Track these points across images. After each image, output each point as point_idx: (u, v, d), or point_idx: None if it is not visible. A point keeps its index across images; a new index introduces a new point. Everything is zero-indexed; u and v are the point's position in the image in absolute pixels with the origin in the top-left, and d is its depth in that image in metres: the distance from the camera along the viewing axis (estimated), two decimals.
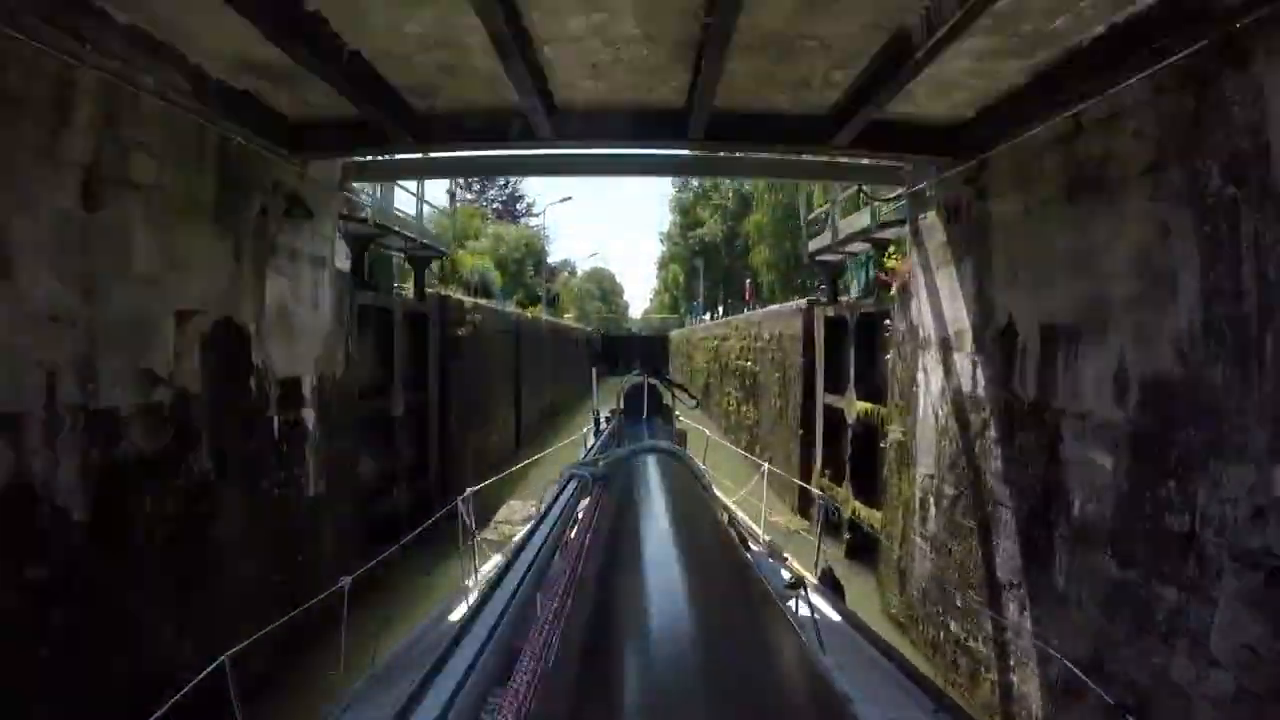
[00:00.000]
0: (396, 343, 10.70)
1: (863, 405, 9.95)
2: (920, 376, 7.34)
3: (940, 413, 6.79)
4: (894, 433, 8.25)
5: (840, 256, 12.98)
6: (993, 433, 5.76)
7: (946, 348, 6.70)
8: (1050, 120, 4.81)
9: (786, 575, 3.58)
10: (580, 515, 2.06)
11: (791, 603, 3.01)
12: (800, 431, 12.47)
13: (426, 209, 13.94)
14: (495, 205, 53.34)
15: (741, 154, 7.70)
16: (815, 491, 9.44)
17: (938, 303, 6.92)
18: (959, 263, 6.45)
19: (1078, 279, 4.69)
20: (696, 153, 7.26)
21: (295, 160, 6.65)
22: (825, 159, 7.41)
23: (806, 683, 0.85)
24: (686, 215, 51.36)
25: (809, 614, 2.97)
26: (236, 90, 5.52)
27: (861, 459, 9.92)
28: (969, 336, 6.21)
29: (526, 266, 33.69)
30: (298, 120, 6.25)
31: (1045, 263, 5.09)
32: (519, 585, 1.64)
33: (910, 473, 7.55)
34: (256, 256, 6.28)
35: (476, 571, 4.51)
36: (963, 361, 6.34)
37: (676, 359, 39.90)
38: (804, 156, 7.52)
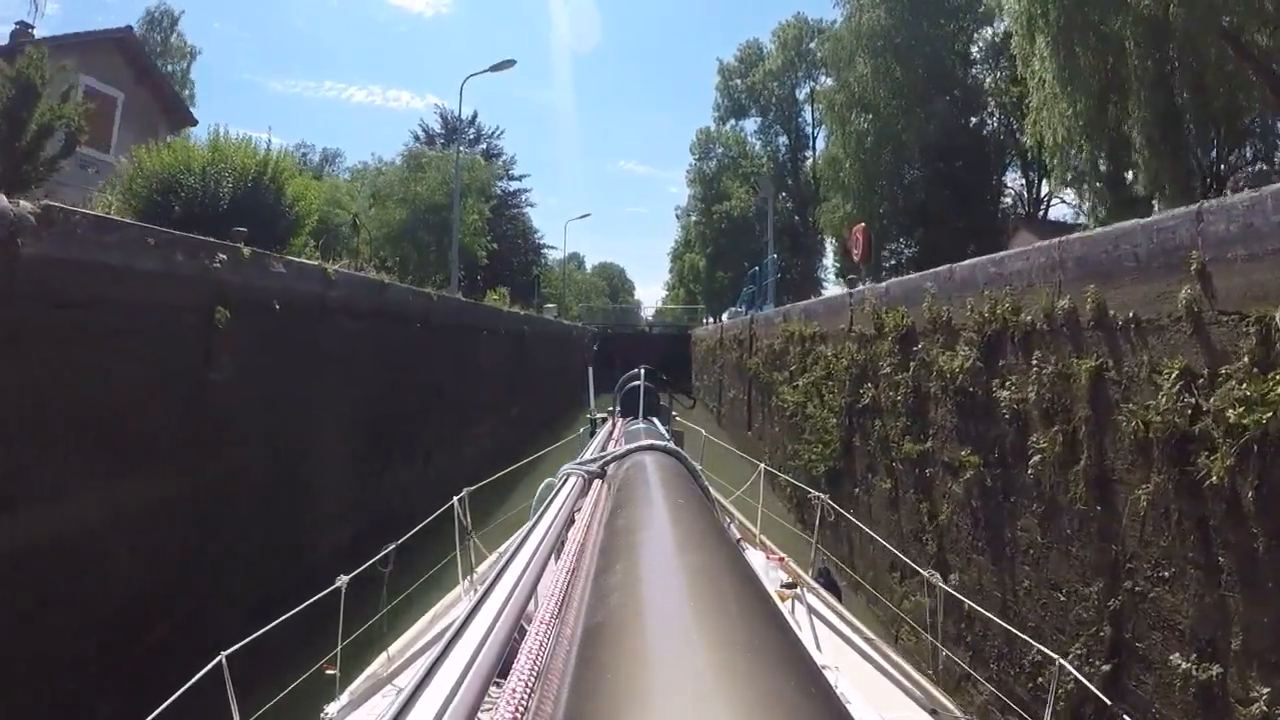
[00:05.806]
0: None
1: None
2: None
3: None
4: None
5: None
6: None
7: None
8: None
9: (783, 575, 3.96)
10: (577, 513, 2.03)
11: (788, 603, 3.40)
12: None
13: None
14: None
15: None
16: (812, 493, 6.88)
17: None
18: None
19: None
20: None
21: None
22: None
23: (803, 683, 0.80)
24: (710, 188, 41.07)
25: (806, 614, 3.33)
26: None
27: None
28: None
29: (467, 222, 23.11)
30: None
31: None
32: (516, 583, 1.45)
33: None
34: None
35: (474, 570, 4.63)
36: None
37: (707, 374, 25.16)
38: None
